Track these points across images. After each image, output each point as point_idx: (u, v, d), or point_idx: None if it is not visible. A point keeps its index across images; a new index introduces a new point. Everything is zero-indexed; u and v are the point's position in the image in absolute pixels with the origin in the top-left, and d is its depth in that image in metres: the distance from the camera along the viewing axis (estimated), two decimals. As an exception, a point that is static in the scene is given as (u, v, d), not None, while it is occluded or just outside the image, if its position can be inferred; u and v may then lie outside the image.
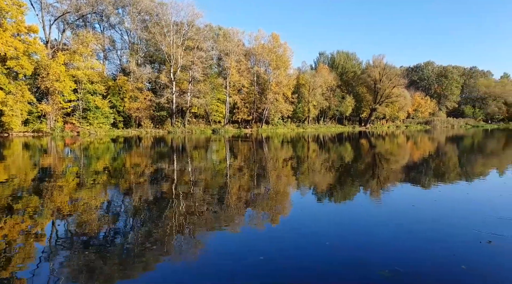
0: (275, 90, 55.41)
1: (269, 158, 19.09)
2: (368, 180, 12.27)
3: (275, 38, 57.03)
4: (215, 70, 56.61)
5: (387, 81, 67.05)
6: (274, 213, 7.67)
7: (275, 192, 10.03)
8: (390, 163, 17.81)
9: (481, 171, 14.90)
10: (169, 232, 6.18)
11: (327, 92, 65.02)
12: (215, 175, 13.22)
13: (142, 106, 45.82)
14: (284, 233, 6.21)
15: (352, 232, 6.28)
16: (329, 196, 9.66)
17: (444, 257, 4.96)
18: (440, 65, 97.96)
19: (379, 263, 4.76)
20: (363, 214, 7.59)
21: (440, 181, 11.93)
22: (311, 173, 13.87)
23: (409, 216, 7.32)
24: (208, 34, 51.30)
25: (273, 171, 14.14)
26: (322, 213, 7.71)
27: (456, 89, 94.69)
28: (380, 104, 68.28)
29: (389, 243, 5.63)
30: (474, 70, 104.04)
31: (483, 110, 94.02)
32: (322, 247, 5.38)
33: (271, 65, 55.75)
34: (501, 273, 4.48)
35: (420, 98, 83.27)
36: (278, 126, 58.13)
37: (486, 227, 6.41)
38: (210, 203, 8.33)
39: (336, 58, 77.84)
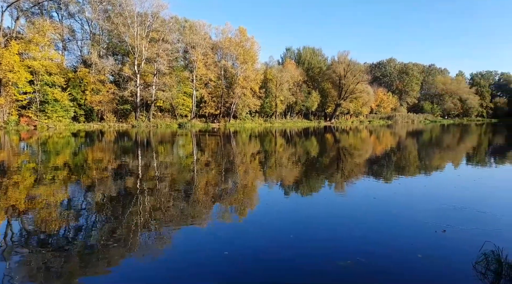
0: (242, 85, 55.29)
1: (237, 153, 19.07)
2: (332, 174, 12.58)
3: (242, 32, 56.79)
4: (181, 63, 55.52)
5: (352, 77, 68.78)
6: (241, 207, 7.69)
7: (243, 186, 10.05)
8: (354, 157, 18.35)
9: (438, 164, 15.70)
10: (134, 229, 6.02)
11: (294, 88, 65.72)
12: (181, 170, 13.03)
13: (104, 99, 44.16)
14: (250, 227, 6.25)
15: (316, 224, 6.42)
16: (295, 190, 9.81)
17: (402, 247, 5.19)
18: (402, 62, 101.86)
19: (342, 254, 4.91)
20: (327, 207, 7.78)
21: (400, 174, 12.46)
22: (278, 167, 14.00)
23: (370, 208, 7.58)
24: (173, 26, 50.14)
25: (241, 166, 14.14)
26: (288, 206, 7.83)
27: (416, 85, 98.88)
28: (345, 99, 70.00)
29: (351, 234, 5.82)
30: (433, 67, 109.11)
31: (441, 106, 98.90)
32: (287, 240, 5.46)
33: (239, 60, 55.49)
34: (454, 260, 4.75)
35: (382, 94, 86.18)
36: (246, 121, 58.12)
37: (441, 217, 6.77)
38: (177, 199, 8.21)
39: (302, 54, 78.73)
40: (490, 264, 4.35)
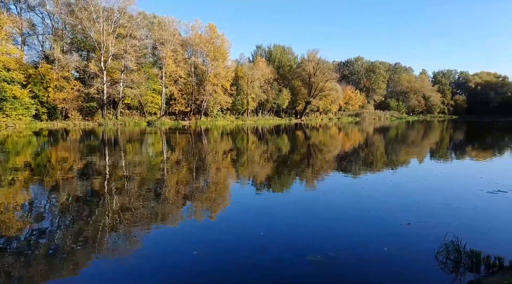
0: (213, 82, 54.80)
1: (208, 151, 18.95)
2: (303, 170, 12.78)
3: (213, 29, 56.28)
4: (150, 59, 54.22)
5: (321, 75, 69.87)
6: (212, 206, 7.67)
7: (214, 184, 10.02)
8: (324, 154, 18.71)
9: (403, 159, 16.33)
10: (102, 230, 5.88)
11: (265, 85, 65.94)
12: (151, 169, 12.80)
13: (69, 96, 42.38)
14: (220, 225, 6.26)
15: (286, 221, 6.52)
16: (267, 187, 9.91)
17: (369, 240, 5.38)
18: (369, 61, 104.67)
19: (312, 249, 5.03)
20: (298, 203, 7.91)
21: (368, 169, 12.85)
22: (250, 165, 14.05)
23: (339, 203, 7.80)
24: (141, 22, 48.86)
25: (213, 164, 14.07)
26: (259, 203, 7.89)
27: (383, 83, 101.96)
28: (314, 97, 71.04)
29: (321, 230, 5.97)
30: (398, 66, 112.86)
31: (406, 104, 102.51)
32: (257, 237, 5.51)
33: (209, 56, 54.92)
34: (417, 251, 4.98)
35: (350, 92, 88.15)
36: (217, 118, 57.70)
37: (407, 210, 7.08)
38: (146, 198, 8.07)
39: (273, 52, 79.12)
40: (451, 254, 4.60)
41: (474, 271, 4.24)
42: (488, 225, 6.14)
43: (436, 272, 4.28)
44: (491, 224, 6.23)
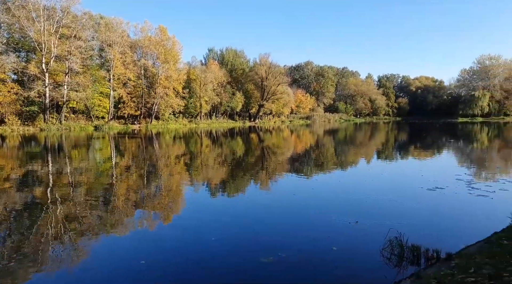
0: (164, 85, 53.53)
1: (160, 155, 18.47)
2: (257, 173, 12.90)
3: (163, 31, 55.08)
4: (97, 61, 51.75)
5: (273, 79, 71.05)
6: (163, 212, 7.49)
7: (166, 190, 9.80)
8: (277, 156, 19.02)
9: (352, 159, 17.07)
10: (45, 242, 5.50)
11: (218, 88, 65.65)
12: (99, 175, 12.22)
13: (6, 100, 39.16)
14: (171, 232, 6.13)
15: (238, 224, 6.54)
16: (221, 191, 9.87)
17: (319, 240, 5.54)
18: (318, 65, 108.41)
19: (264, 251, 5.07)
20: (250, 206, 7.98)
21: (319, 170, 13.29)
22: (204, 169, 13.92)
23: (290, 205, 7.97)
24: (87, 22, 46.49)
25: (165, 169, 13.75)
26: (211, 208, 7.83)
27: (331, 87, 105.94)
28: (267, 100, 72.06)
29: (273, 231, 6.07)
30: (345, 70, 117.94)
31: (353, 106, 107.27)
32: (208, 243, 5.45)
33: (160, 59, 53.63)
34: (364, 249, 5.23)
35: (301, 95, 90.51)
36: (169, 122, 56.41)
37: (355, 209, 7.42)
38: (94, 207, 7.69)
39: (225, 55, 79.06)
40: (394, 249, 4.88)
41: (415, 264, 4.53)
42: (428, 220, 6.60)
43: (382, 267, 4.52)
44: (431, 219, 6.69)
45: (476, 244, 4.91)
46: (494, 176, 11.26)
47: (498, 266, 3.51)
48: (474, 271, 3.47)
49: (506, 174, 11.78)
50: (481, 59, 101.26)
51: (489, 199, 8.00)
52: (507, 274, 3.18)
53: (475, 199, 8.10)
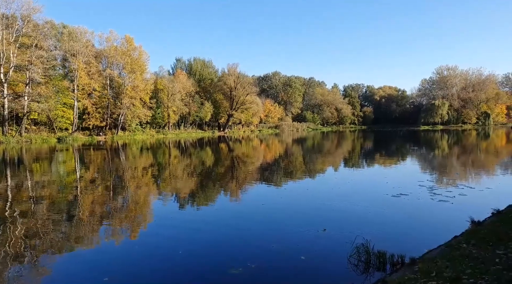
0: (131, 95, 52.41)
1: (127, 167, 17.97)
2: (227, 183, 12.83)
3: (129, 41, 54.16)
4: (60, 71, 49.90)
5: (242, 89, 71.50)
6: (130, 226, 7.27)
7: (133, 203, 9.53)
8: (247, 165, 19.03)
9: (319, 168, 17.37)
10: (1, 262, 5.16)
11: (187, 98, 65.15)
12: (62, 189, 11.69)
13: (-42, 111, 36.94)
14: (137, 246, 5.94)
15: (206, 236, 6.43)
16: (189, 202, 9.73)
17: (288, 250, 5.56)
18: (285, 76, 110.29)
19: (233, 262, 5.04)
20: (219, 216, 7.90)
21: (287, 179, 13.42)
22: (173, 180, 13.68)
23: (259, 214, 7.98)
24: (49, 31, 44.81)
25: (132, 181, 13.38)
26: (179, 220, 7.68)
27: (299, 97, 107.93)
28: (236, 110, 72.28)
29: (242, 242, 6.04)
30: (312, 80, 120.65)
31: (320, 115, 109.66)
32: (175, 256, 5.34)
33: (126, 69, 52.57)
34: (332, 256, 5.31)
35: (270, 105, 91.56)
36: (136, 133, 55.12)
37: (322, 217, 7.54)
38: (57, 222, 7.35)
39: (193, 65, 78.82)
40: (361, 256, 4.98)
41: (381, 270, 4.65)
42: (393, 226, 6.81)
43: (349, 274, 4.60)
44: (396, 224, 6.92)
45: (438, 248, 5.11)
46: (454, 182, 11.82)
47: (457, 269, 3.67)
48: (435, 275, 3.61)
49: (465, 180, 12.40)
50: (439, 69, 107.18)
51: (449, 204, 8.38)
52: (465, 277, 3.34)
53: (436, 204, 8.46)
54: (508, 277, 3.09)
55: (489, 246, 4.35)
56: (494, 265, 3.53)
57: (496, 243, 4.43)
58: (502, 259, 3.68)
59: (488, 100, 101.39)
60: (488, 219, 6.41)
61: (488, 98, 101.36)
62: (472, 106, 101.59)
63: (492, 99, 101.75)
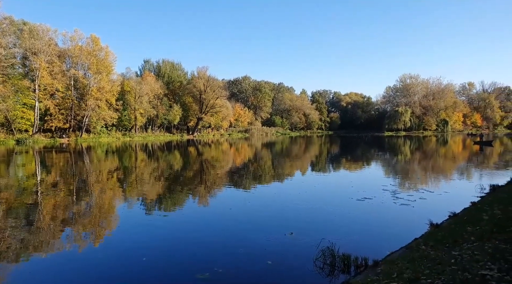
0: (96, 96, 50.71)
1: (91, 170, 17.35)
2: (195, 187, 12.69)
3: (95, 40, 52.43)
4: (20, 70, 47.47)
5: (211, 92, 71.13)
6: (93, 232, 7.04)
7: (97, 207, 9.22)
8: (216, 169, 18.92)
9: (287, 172, 17.58)
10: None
11: (155, 101, 63.90)
12: (21, 193, 11.12)
13: None
14: (99, 253, 5.77)
15: (172, 241, 6.36)
16: (155, 207, 9.54)
17: (256, 254, 5.60)
18: (255, 80, 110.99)
19: (200, 267, 5.01)
20: (186, 221, 7.82)
21: (256, 183, 13.48)
22: (139, 184, 13.36)
23: (227, 219, 7.97)
24: (8, 28, 42.53)
25: (96, 185, 12.94)
26: (144, 225, 7.52)
27: (268, 101, 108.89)
28: (206, 114, 71.76)
29: (209, 247, 5.99)
30: (281, 85, 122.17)
31: (289, 120, 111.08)
32: (138, 264, 5.22)
33: (91, 69, 50.82)
34: (299, 260, 5.38)
35: (240, 109, 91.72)
36: (101, 135, 53.34)
37: (289, 221, 7.65)
38: (14, 228, 6.97)
39: (162, 67, 77.52)
40: (327, 258, 5.10)
41: (346, 273, 4.78)
42: (358, 229, 7.01)
43: (315, 277, 4.69)
44: (360, 227, 7.12)
45: (399, 250, 5.32)
46: (415, 186, 12.35)
47: (416, 269, 3.84)
48: (396, 276, 3.76)
49: (425, 184, 12.98)
50: (403, 77, 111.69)
51: (410, 208, 8.75)
52: (424, 277, 3.50)
53: (399, 207, 8.80)
54: (462, 276, 3.27)
55: (445, 248, 4.58)
56: (450, 266, 3.73)
57: (452, 244, 4.68)
58: (457, 260, 3.89)
59: (446, 108, 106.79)
60: (446, 222, 6.75)
61: (446, 106, 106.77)
62: (432, 114, 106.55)
63: (450, 107, 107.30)
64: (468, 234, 4.99)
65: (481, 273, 3.25)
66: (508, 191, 8.63)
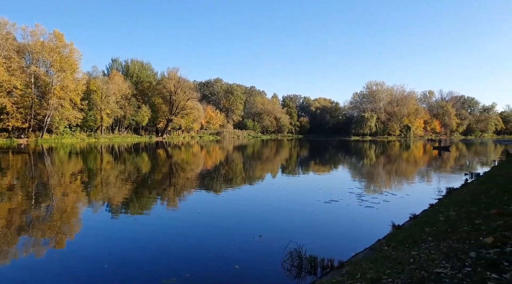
0: (60, 95, 48.69)
1: (52, 173, 16.65)
2: (164, 190, 12.51)
3: (59, 37, 50.34)
4: (-27, 65, 44.88)
5: (182, 93, 70.26)
6: (53, 238, 6.77)
7: (58, 212, 8.86)
8: (186, 172, 18.70)
9: (258, 175, 17.69)
10: None
11: (122, 101, 62.28)
12: (-26, 197, 10.48)
13: None
14: (59, 260, 5.53)
15: (137, 246, 6.22)
16: (120, 211, 9.30)
17: (224, 258, 5.57)
18: (227, 83, 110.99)
19: (167, 272, 4.94)
20: (151, 226, 7.63)
21: (226, 186, 13.45)
22: (104, 187, 12.97)
23: (195, 223, 7.90)
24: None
25: (58, 188, 12.44)
26: (108, 230, 7.27)
27: (240, 104, 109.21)
28: (176, 115, 70.79)
29: (176, 251, 5.92)
30: (253, 89, 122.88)
31: (260, 124, 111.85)
32: (100, 271, 5.05)
33: (54, 67, 48.74)
34: (267, 263, 5.43)
35: (211, 111, 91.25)
36: (64, 136, 51.23)
37: (258, 224, 7.72)
38: (-34, 235, 6.57)
39: (130, 67, 75.78)
40: (294, 260, 5.19)
41: (313, 274, 4.89)
42: (324, 231, 7.18)
43: (282, 279, 4.76)
44: (327, 229, 7.30)
45: (364, 251, 5.51)
46: (379, 189, 12.79)
47: (379, 270, 4.01)
48: (360, 276, 3.90)
49: (389, 187, 13.48)
50: (369, 84, 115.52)
51: (375, 210, 9.07)
52: (385, 277, 3.65)
53: (363, 209, 9.10)
54: (419, 275, 3.44)
55: (405, 248, 4.80)
56: (409, 265, 3.91)
57: (411, 244, 4.90)
58: (415, 259, 4.09)
59: (409, 114, 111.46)
60: (406, 223, 7.06)
61: (409, 113, 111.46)
62: (396, 120, 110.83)
63: (413, 114, 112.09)
64: (426, 234, 5.24)
65: (436, 271, 3.44)
66: (462, 194, 9.14)
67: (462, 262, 3.59)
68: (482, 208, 6.28)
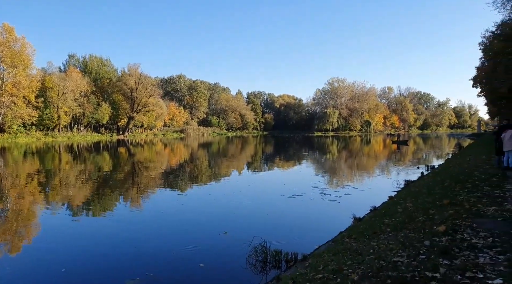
0: (12, 92, 45.86)
1: (5, 174, 15.70)
2: (126, 190, 12.18)
3: (9, 30, 47.22)
4: None
5: (143, 90, 68.42)
6: (7, 241, 6.43)
7: (14, 214, 8.40)
8: (149, 171, 18.30)
9: (223, 172, 17.67)
10: None
11: (81, 98, 59.66)
12: None
13: None
14: (13, 266, 5.26)
15: (98, 247, 6.06)
16: (80, 212, 8.97)
17: (188, 256, 5.54)
18: (190, 79, 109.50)
19: (130, 272, 4.86)
20: (113, 226, 7.45)
21: (191, 184, 13.37)
22: (63, 188, 12.42)
23: (158, 222, 7.80)
24: None
25: (12, 190, 11.77)
26: (66, 232, 7.01)
27: (204, 101, 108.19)
28: (138, 112, 68.87)
29: (139, 251, 5.80)
30: (217, 86, 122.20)
31: (225, 121, 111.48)
32: (56, 276, 4.85)
33: (5, 62, 45.77)
34: (233, 259, 5.45)
35: (175, 108, 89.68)
36: (18, 135, 48.34)
37: (224, 220, 7.75)
38: None
39: (89, 63, 72.63)
40: (259, 255, 5.26)
41: (277, 268, 4.98)
42: (288, 225, 7.32)
43: (248, 274, 4.82)
44: (291, 223, 7.45)
45: (326, 243, 5.69)
46: (341, 183, 13.20)
47: (340, 261, 4.16)
48: (322, 268, 4.03)
49: (350, 181, 13.94)
50: (331, 81, 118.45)
51: (337, 203, 9.36)
52: (346, 268, 3.80)
53: (326, 203, 9.36)
54: (378, 265, 3.62)
55: (366, 239, 5.01)
56: (369, 255, 4.09)
57: (371, 235, 5.13)
58: (375, 250, 4.28)
59: (369, 110, 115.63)
60: (367, 215, 7.35)
61: (369, 109, 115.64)
62: (357, 115, 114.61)
63: (373, 110, 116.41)
64: (385, 225, 5.50)
65: (393, 260, 3.63)
66: (419, 186, 9.66)
67: (417, 250, 3.81)
68: (436, 199, 6.68)
